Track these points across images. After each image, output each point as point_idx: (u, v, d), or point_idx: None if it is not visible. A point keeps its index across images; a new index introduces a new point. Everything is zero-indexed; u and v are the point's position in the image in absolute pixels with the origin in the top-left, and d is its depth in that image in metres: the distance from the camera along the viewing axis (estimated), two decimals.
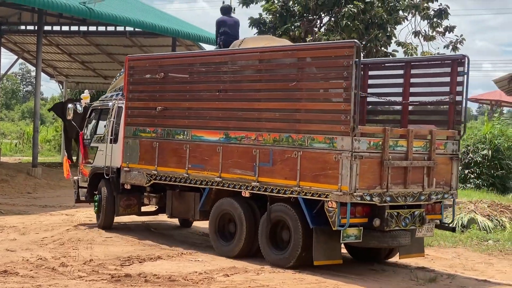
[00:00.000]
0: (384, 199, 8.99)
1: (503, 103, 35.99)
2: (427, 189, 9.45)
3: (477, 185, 21.92)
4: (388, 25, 18.42)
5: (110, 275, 8.63)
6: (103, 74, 28.78)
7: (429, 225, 9.69)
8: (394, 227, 9.14)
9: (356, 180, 8.72)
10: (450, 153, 9.82)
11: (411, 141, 9.26)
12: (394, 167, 9.08)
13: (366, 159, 8.82)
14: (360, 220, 9.05)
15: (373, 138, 9.08)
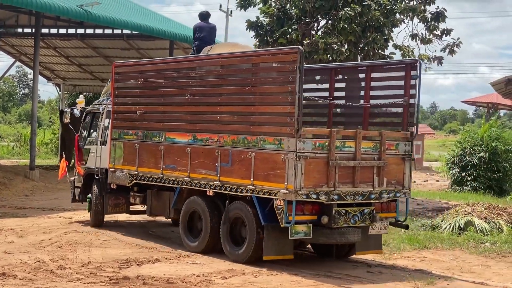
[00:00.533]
0: (332, 198, 9.42)
1: (500, 105, 36.10)
2: (378, 188, 9.86)
3: (474, 188, 21.98)
4: (385, 28, 18.44)
5: (108, 278, 8.64)
6: (100, 77, 28.79)
7: (383, 223, 10.07)
8: (342, 224, 9.55)
9: (301, 179, 9.16)
10: (402, 153, 10.19)
11: (359, 142, 9.69)
12: (342, 167, 9.53)
13: (311, 159, 9.26)
14: (309, 217, 9.46)
15: (318, 139, 9.44)
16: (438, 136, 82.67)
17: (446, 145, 50.83)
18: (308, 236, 9.48)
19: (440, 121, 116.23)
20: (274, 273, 9.34)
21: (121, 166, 12.25)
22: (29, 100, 66.25)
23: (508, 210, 14.53)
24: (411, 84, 10.38)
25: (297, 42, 18.23)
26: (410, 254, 11.22)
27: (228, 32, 41.23)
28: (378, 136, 9.98)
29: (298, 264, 10.08)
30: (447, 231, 13.15)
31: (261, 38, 18.99)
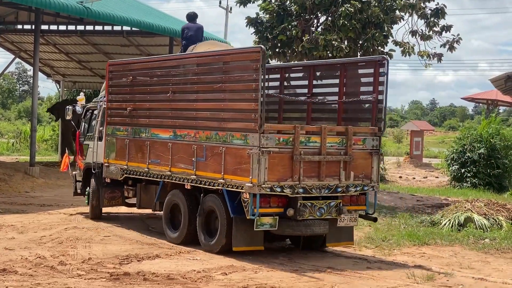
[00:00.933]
0: (297, 191, 9.78)
1: (500, 102, 36.10)
2: (344, 182, 10.20)
3: (474, 184, 22.03)
4: (385, 24, 18.43)
5: (108, 274, 8.66)
6: (100, 74, 28.76)
7: (352, 215, 10.46)
8: (308, 217, 9.90)
9: (265, 173, 9.55)
10: (370, 148, 10.55)
11: (325, 137, 10.05)
12: (306, 161, 9.89)
13: (275, 154, 9.66)
14: (276, 210, 9.83)
15: (282, 135, 9.91)
16: (437, 133, 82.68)
17: (445, 142, 50.91)
18: (274, 228, 9.81)
19: (440, 117, 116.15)
20: (274, 269, 9.37)
21: (114, 160, 12.79)
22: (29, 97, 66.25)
23: (507, 206, 14.56)
24: (379, 81, 10.69)
25: (297, 39, 18.24)
26: (410, 250, 11.24)
27: (227, 29, 41.28)
28: (345, 131, 10.32)
29: (298, 260, 10.11)
30: (447, 227, 13.19)
31: (261, 35, 18.98)
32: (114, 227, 12.52)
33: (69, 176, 14.95)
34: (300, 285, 8.43)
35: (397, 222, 14.01)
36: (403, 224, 13.70)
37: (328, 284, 8.59)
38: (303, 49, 17.96)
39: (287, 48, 18.64)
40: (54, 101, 35.59)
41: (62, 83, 29.92)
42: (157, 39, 23.82)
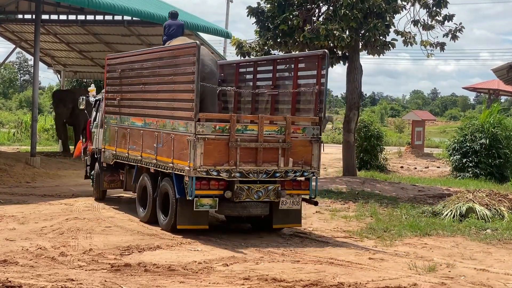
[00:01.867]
0: (233, 175, 10.61)
1: (501, 92, 36.05)
2: (283, 167, 10.88)
3: (475, 174, 21.99)
4: (386, 14, 18.37)
5: (109, 265, 8.65)
6: (101, 64, 28.68)
7: (295, 199, 11.09)
8: (245, 199, 10.73)
9: (201, 158, 10.43)
10: (310, 136, 11.21)
11: (262, 126, 10.81)
12: (243, 147, 10.69)
13: (211, 141, 10.52)
14: (215, 192, 10.69)
15: (219, 123, 10.73)
16: (439, 123, 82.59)
17: (447, 132, 50.87)
18: (214, 209, 10.74)
19: (441, 107, 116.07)
20: (275, 260, 9.36)
21: (108, 146, 13.93)
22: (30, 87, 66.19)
23: (509, 196, 14.53)
24: (321, 74, 11.44)
25: (298, 29, 18.18)
26: (412, 241, 11.22)
27: (229, 19, 41.17)
28: (283, 120, 11.07)
29: (299, 251, 10.10)
30: (449, 217, 13.16)
31: (262, 25, 18.94)
32: (115, 217, 12.51)
33: (70, 167, 15.07)
34: (302, 276, 8.40)
35: (398, 212, 13.99)
36: (405, 214, 13.68)
37: (329, 275, 8.57)
38: (305, 39, 17.91)
39: (289, 38, 18.58)
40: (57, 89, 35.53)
41: (63, 73, 29.86)
42: (158, 28, 23.66)
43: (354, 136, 20.75)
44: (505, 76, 16.11)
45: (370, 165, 24.51)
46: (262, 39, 19.06)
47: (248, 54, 19.62)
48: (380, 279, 8.41)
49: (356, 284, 8.09)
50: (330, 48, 19.35)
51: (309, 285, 8.00)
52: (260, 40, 19.21)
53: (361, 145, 24.53)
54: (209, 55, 12.63)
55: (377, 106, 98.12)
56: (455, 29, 19.21)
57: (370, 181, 19.67)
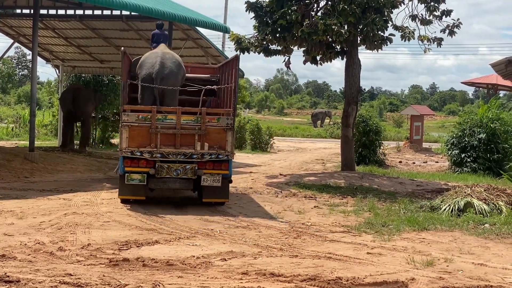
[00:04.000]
0: (155, 155, 12.84)
1: (500, 86, 36.03)
2: (200, 151, 12.95)
3: (474, 169, 22.01)
4: (385, 9, 18.37)
5: (108, 259, 8.66)
6: (100, 58, 28.69)
7: (215, 177, 13.04)
8: (165, 175, 12.88)
9: (126, 142, 12.82)
10: (224, 125, 13.12)
11: (179, 116, 12.96)
12: (162, 133, 12.89)
13: (135, 127, 12.87)
14: (144, 169, 12.89)
15: (141, 113, 12.98)
16: (437, 117, 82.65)
17: (445, 126, 50.89)
18: (143, 183, 12.91)
19: (440, 102, 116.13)
20: (273, 255, 9.37)
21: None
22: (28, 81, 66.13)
23: (507, 191, 14.53)
24: (235, 73, 13.51)
25: (297, 23, 18.18)
26: (410, 235, 11.23)
27: (227, 13, 41.11)
28: (199, 112, 13.11)
29: (297, 245, 10.12)
30: (447, 212, 13.17)
31: (261, 19, 18.94)
32: (114, 212, 12.51)
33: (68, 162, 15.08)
34: (300, 271, 8.42)
35: (397, 207, 14.00)
36: (403, 209, 13.69)
37: (327, 269, 8.58)
38: (303, 34, 17.92)
39: (287, 33, 18.58)
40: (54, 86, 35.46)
41: (61, 67, 29.80)
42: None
43: (352, 131, 20.78)
44: (504, 71, 16.11)
45: (368, 160, 24.53)
46: (261, 34, 19.05)
47: (247, 49, 19.62)
48: (378, 274, 8.43)
49: (354, 278, 8.10)
50: (329, 43, 19.37)
51: (307, 279, 8.01)
52: (259, 35, 19.20)
53: (360, 139, 24.54)
54: (173, 59, 14.32)
55: (376, 101, 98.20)
56: (453, 25, 19.22)
57: (368, 176, 19.69)
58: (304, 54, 19.95)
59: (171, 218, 12.10)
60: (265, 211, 13.33)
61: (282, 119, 77.94)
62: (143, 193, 13.25)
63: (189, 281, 7.81)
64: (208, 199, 13.38)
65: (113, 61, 28.19)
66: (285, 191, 15.97)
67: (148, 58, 14.31)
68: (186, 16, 21.17)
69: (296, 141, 41.69)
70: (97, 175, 18.22)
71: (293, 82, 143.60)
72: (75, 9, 24.52)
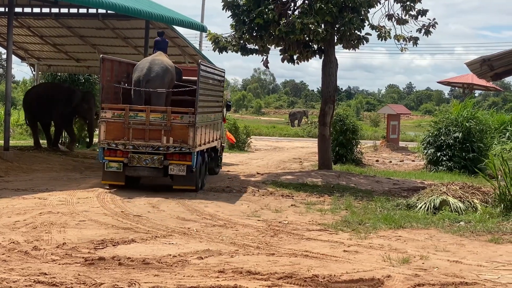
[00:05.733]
0: (127, 147, 14.81)
1: (475, 86, 36.28)
2: (165, 144, 14.79)
3: (449, 167, 22.18)
4: (361, 8, 18.45)
5: (83, 258, 8.60)
6: (76, 57, 28.47)
7: (180, 167, 14.84)
8: (136, 164, 14.84)
9: (104, 135, 14.89)
10: (187, 122, 14.82)
11: (148, 114, 14.82)
12: (134, 128, 14.83)
13: (111, 123, 14.89)
14: (120, 158, 14.87)
15: (117, 111, 14.96)
16: (414, 117, 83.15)
17: (422, 126, 51.17)
18: (119, 170, 14.88)
19: (416, 101, 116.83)
20: (250, 253, 9.37)
21: None
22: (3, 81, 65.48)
23: (482, 189, 14.66)
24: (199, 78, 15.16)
25: (274, 22, 18.18)
26: (386, 233, 11.29)
27: (204, 13, 41.01)
28: (165, 111, 14.91)
29: (274, 244, 10.12)
30: (423, 210, 13.26)
31: (238, 18, 18.91)
32: (90, 211, 12.42)
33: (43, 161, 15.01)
34: (276, 269, 8.42)
35: (373, 205, 14.07)
36: (380, 207, 13.77)
37: (304, 267, 8.60)
38: (280, 33, 17.93)
39: (264, 32, 18.58)
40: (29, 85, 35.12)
41: (37, 66, 29.52)
42: (133, 22, 23.58)
43: (329, 130, 20.84)
44: (478, 70, 16.16)
45: (345, 159, 24.62)
46: (238, 33, 19.02)
47: (225, 48, 19.58)
48: (354, 271, 8.45)
49: (331, 276, 8.12)
50: (306, 42, 19.39)
51: (284, 277, 8.02)
52: (236, 34, 19.17)
53: (337, 138, 24.63)
54: (161, 64, 16.01)
55: (353, 100, 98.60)
56: (429, 24, 19.35)
57: (345, 174, 19.76)
58: (281, 53, 19.97)
59: (147, 217, 12.05)
60: (242, 210, 13.32)
61: (260, 118, 77.97)
62: (122, 179, 15.08)
63: (166, 280, 7.78)
64: (177, 186, 15.17)
65: (89, 59, 28.00)
66: (262, 190, 15.97)
67: (140, 63, 16.32)
68: (163, 15, 21.09)
69: (274, 140, 41.72)
70: (73, 174, 18.08)
71: (270, 81, 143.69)
72: (50, 7, 24.29)
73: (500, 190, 13.60)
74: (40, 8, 24.61)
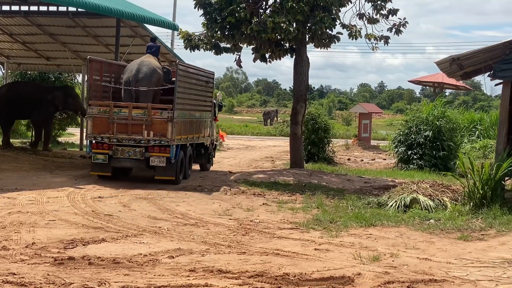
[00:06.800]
0: (112, 140, 16.10)
1: (446, 85, 36.61)
2: (146, 137, 16.04)
3: (420, 166, 22.36)
4: (333, 7, 18.50)
5: (53, 258, 8.52)
6: (46, 55, 28.20)
7: (160, 159, 16.07)
8: (120, 156, 16.12)
9: (91, 129, 16.33)
10: (166, 118, 16.05)
11: (130, 110, 16.14)
12: (118, 123, 16.11)
13: (97, 118, 16.28)
14: (106, 151, 16.15)
15: (102, 107, 16.34)
16: (385, 115, 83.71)
17: (393, 124, 51.49)
18: (105, 161, 16.14)
19: (388, 100, 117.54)
20: (221, 252, 9.36)
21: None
22: None
23: (452, 187, 14.83)
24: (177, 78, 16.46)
25: (246, 21, 18.17)
26: (357, 231, 11.34)
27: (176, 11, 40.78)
28: (146, 107, 16.18)
29: (245, 242, 10.12)
30: (393, 208, 13.35)
31: (210, 17, 18.85)
32: (60, 211, 12.31)
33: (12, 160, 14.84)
34: (247, 267, 8.42)
35: (344, 204, 14.13)
36: (351, 206, 13.83)
37: (275, 265, 8.60)
38: (252, 32, 17.93)
39: (236, 31, 18.56)
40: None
41: (6, 64, 29.19)
42: (104, 20, 23.41)
43: (301, 129, 20.88)
44: (448, 69, 16.34)
45: (317, 157, 24.70)
46: (210, 32, 18.98)
47: (197, 47, 19.54)
48: (325, 269, 8.48)
49: (301, 274, 8.14)
50: (277, 40, 19.41)
51: (255, 276, 8.02)
52: (208, 32, 19.13)
53: (309, 137, 24.70)
54: (149, 66, 17.20)
55: (325, 99, 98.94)
56: (399, 24, 19.47)
57: (317, 173, 19.82)
58: (254, 52, 19.97)
59: (118, 216, 11.98)
60: (214, 209, 13.30)
61: (232, 117, 77.87)
62: (108, 170, 16.34)
63: (136, 279, 7.74)
64: (159, 177, 16.34)
65: (60, 58, 27.75)
66: (234, 189, 15.97)
67: (130, 65, 17.62)
68: (134, 13, 20.97)
69: (246, 139, 41.72)
70: (43, 173, 17.91)
71: (243, 80, 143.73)
72: (20, 5, 24.02)
73: (469, 188, 13.76)
74: (9, 6, 24.34)
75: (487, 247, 10.43)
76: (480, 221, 12.32)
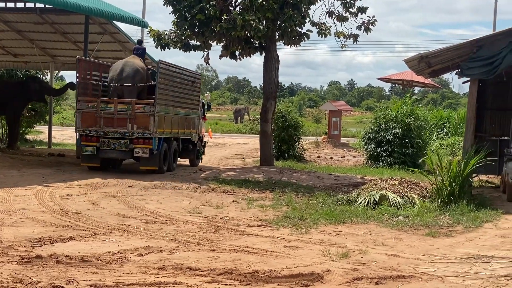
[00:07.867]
0: (99, 133, 17.54)
1: (414, 83, 36.88)
2: (130, 130, 17.45)
3: (389, 163, 22.52)
4: (302, 5, 18.54)
5: (20, 257, 8.42)
6: (13, 52, 27.87)
7: (143, 150, 17.49)
8: (106, 148, 17.56)
9: (80, 123, 17.78)
10: (148, 112, 17.46)
11: (116, 105, 17.54)
12: (104, 117, 17.54)
13: (85, 113, 17.77)
14: (94, 143, 17.63)
15: (90, 102, 17.83)
16: (355, 113, 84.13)
17: (363, 122, 51.81)
18: (94, 153, 17.60)
19: (358, 98, 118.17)
20: (191, 249, 9.34)
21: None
22: None
23: (421, 184, 14.96)
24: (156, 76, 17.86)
25: (215, 18, 18.13)
26: (326, 228, 11.39)
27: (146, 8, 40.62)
28: (130, 102, 17.54)
29: (215, 240, 10.11)
30: (362, 205, 13.43)
31: (179, 14, 18.78)
32: (27, 209, 12.18)
33: None
34: (217, 265, 8.41)
35: (314, 201, 14.18)
36: (320, 203, 13.88)
37: (244, 263, 8.61)
38: (221, 29, 17.89)
39: (206, 28, 18.51)
40: None
41: None
42: (73, 17, 23.20)
43: (271, 126, 20.91)
44: (417, 67, 16.49)
45: (287, 155, 24.75)
46: (180, 30, 18.91)
47: (167, 45, 19.45)
48: (294, 266, 8.50)
49: (271, 271, 8.15)
50: (247, 38, 19.40)
51: (224, 273, 8.01)
52: (178, 30, 19.05)
53: (279, 135, 24.75)
54: (133, 66, 18.36)
55: (295, 97, 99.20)
56: (368, 22, 19.57)
57: (287, 170, 19.86)
58: (223, 49, 19.92)
59: (87, 214, 11.89)
60: (184, 206, 13.27)
61: None
62: (97, 161, 17.82)
63: (104, 277, 7.68)
64: (143, 167, 17.85)
65: (27, 55, 27.46)
66: (204, 186, 15.93)
67: (115, 65, 18.75)
68: (102, 10, 20.83)
69: (216, 137, 41.62)
70: (10, 171, 17.69)
71: (213, 78, 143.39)
72: None
73: (437, 185, 13.90)
74: None
75: (455, 243, 10.54)
76: (448, 218, 12.45)
